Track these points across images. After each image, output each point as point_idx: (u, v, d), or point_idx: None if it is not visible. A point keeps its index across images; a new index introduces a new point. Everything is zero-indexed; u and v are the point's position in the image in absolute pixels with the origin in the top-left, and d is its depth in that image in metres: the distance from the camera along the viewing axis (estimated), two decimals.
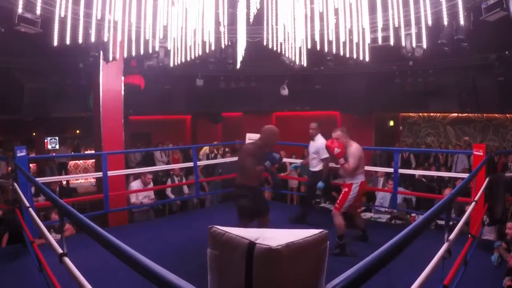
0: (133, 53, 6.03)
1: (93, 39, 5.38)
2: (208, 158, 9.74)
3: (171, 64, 6.66)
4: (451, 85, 9.89)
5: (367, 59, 6.07)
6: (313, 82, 11.09)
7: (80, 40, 5.32)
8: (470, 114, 11.58)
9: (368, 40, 5.86)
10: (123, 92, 6.58)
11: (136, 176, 6.93)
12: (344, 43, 5.95)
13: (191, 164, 7.26)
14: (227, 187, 8.20)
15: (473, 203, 3.60)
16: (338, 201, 4.67)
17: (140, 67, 7.86)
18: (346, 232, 4.57)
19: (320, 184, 5.45)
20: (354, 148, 4.60)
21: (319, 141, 5.56)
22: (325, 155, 5.37)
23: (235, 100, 11.49)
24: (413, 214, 6.56)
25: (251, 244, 1.16)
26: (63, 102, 9.49)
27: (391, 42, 5.68)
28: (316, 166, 5.69)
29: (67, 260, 1.97)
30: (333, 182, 6.52)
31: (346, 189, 4.64)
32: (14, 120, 9.91)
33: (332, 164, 5.52)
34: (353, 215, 4.93)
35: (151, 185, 6.92)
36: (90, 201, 7.85)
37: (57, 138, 12.78)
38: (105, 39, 5.53)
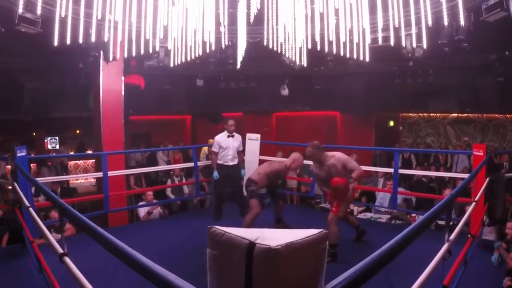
0: (133, 53, 6.02)
1: (93, 39, 5.37)
2: (208, 158, 9.73)
3: (171, 64, 6.66)
4: (451, 85, 9.88)
5: (367, 59, 6.07)
6: (313, 82, 11.08)
7: (80, 40, 5.32)
8: (470, 114, 11.57)
9: (368, 40, 5.85)
10: (123, 92, 6.58)
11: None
12: (344, 43, 5.94)
13: (191, 164, 7.26)
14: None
15: (473, 203, 3.61)
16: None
17: (140, 67, 7.86)
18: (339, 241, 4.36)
19: (215, 173, 6.04)
20: (338, 155, 4.48)
21: (238, 136, 6.16)
22: (241, 147, 6.24)
23: (235, 100, 11.48)
24: (413, 215, 6.56)
25: (251, 244, 1.16)
26: (63, 102, 9.47)
27: (391, 42, 5.68)
28: (235, 159, 6.11)
29: (67, 260, 1.97)
30: None
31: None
32: (14, 120, 9.90)
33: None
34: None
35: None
36: (90, 201, 7.84)
37: (57, 138, 12.76)
38: (105, 39, 5.53)
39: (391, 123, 13.61)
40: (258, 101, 11.75)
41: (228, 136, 6.01)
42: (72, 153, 12.13)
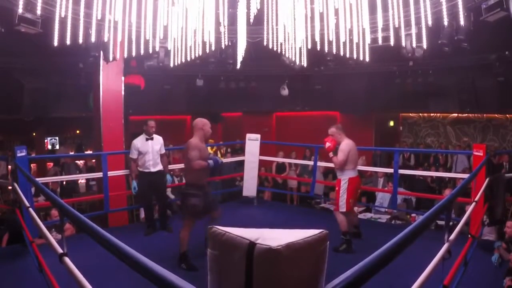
0: (133, 53, 6.02)
1: (93, 39, 5.38)
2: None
3: (171, 64, 6.66)
4: (451, 85, 9.88)
5: (367, 59, 6.08)
6: (313, 82, 11.09)
7: (80, 40, 5.32)
8: (470, 114, 11.58)
9: (368, 40, 5.86)
10: (123, 92, 6.58)
11: None
12: (344, 43, 5.95)
13: None
14: (227, 187, 8.20)
15: (473, 204, 3.61)
16: (335, 201, 4.88)
17: (140, 67, 7.86)
18: (350, 229, 4.73)
19: (134, 185, 5.43)
20: (344, 143, 4.74)
21: (158, 138, 5.55)
22: (163, 150, 5.56)
23: (235, 100, 11.49)
24: (413, 215, 6.56)
25: (251, 244, 1.16)
26: (63, 102, 9.48)
27: (391, 42, 5.68)
28: (158, 165, 5.46)
29: (67, 260, 1.96)
30: None
31: (337, 188, 4.81)
32: (14, 120, 9.90)
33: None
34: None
35: None
36: (90, 201, 7.84)
37: (57, 138, 12.77)
38: (105, 39, 5.53)
39: (391, 123, 13.61)
40: (258, 101, 11.76)
41: (147, 139, 5.41)
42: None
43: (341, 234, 4.61)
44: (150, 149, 5.39)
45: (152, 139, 5.45)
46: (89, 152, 11.69)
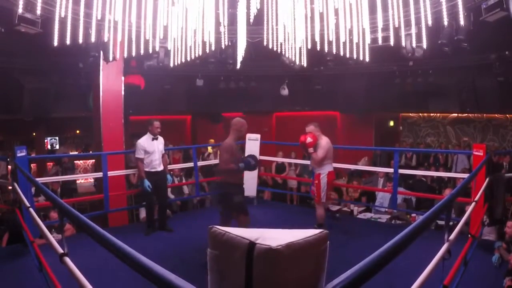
0: (133, 53, 6.03)
1: (93, 39, 5.38)
2: (205, 158, 9.75)
3: (171, 64, 6.66)
4: (451, 85, 9.88)
5: (367, 59, 6.08)
6: (313, 82, 11.09)
7: (80, 40, 5.33)
8: (470, 114, 11.58)
9: (368, 40, 5.86)
10: (123, 92, 6.58)
11: None
12: (344, 43, 5.95)
13: (191, 164, 7.26)
14: None
15: (473, 203, 3.61)
16: (315, 194, 5.25)
17: (140, 67, 7.86)
18: (325, 222, 5.08)
19: (147, 183, 5.37)
20: (324, 141, 5.19)
21: (161, 138, 5.67)
22: (164, 150, 5.70)
23: (235, 100, 11.47)
24: (413, 214, 6.56)
25: (251, 244, 1.16)
26: (63, 102, 9.46)
27: (391, 42, 5.69)
28: (161, 164, 5.59)
29: (67, 260, 1.97)
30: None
31: (317, 181, 5.22)
32: (14, 120, 9.89)
33: None
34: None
35: None
36: (90, 201, 7.85)
37: (57, 138, 12.77)
38: (105, 39, 5.53)
39: (391, 123, 13.61)
40: (258, 101, 11.74)
41: (153, 139, 5.50)
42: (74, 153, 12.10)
43: (316, 226, 4.92)
44: (156, 149, 5.53)
45: (157, 139, 5.59)
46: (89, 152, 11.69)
